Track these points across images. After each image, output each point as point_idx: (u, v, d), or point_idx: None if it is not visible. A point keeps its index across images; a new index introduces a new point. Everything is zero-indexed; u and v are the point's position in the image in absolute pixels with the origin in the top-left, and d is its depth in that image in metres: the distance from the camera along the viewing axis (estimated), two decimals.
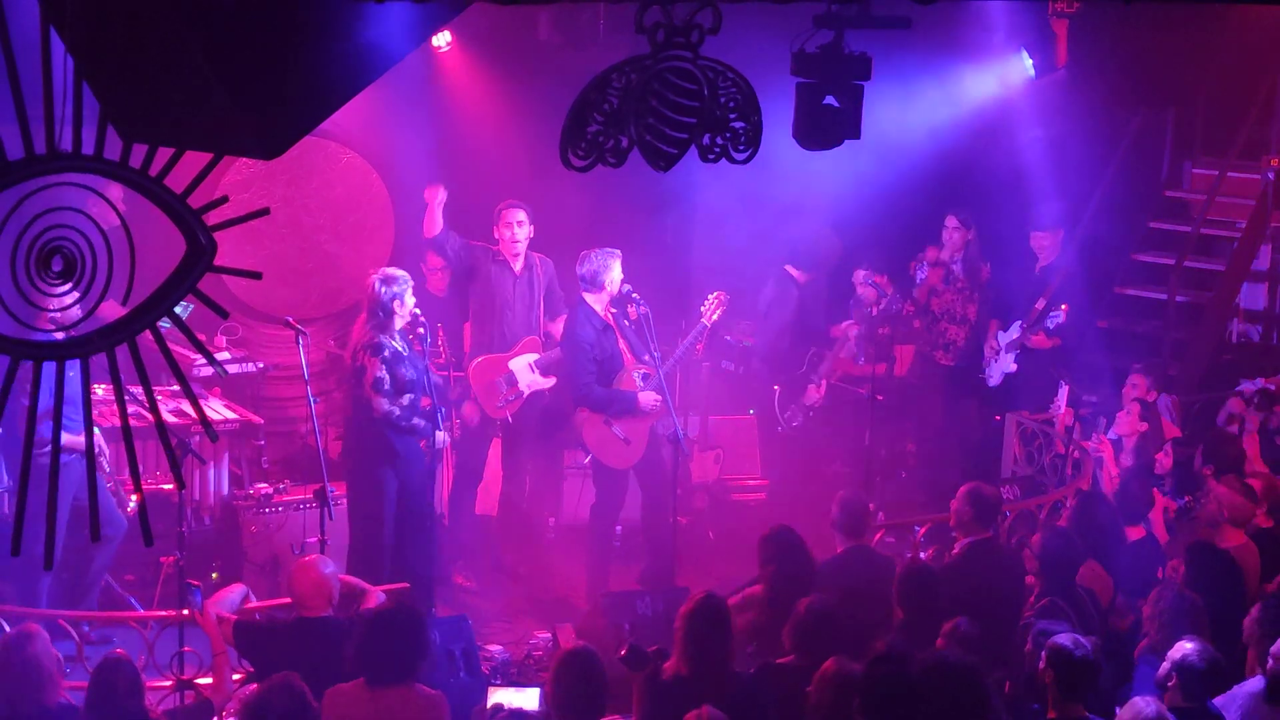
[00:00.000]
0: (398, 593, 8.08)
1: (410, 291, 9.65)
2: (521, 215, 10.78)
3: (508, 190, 11.44)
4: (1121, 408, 10.93)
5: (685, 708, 6.04)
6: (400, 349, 9.59)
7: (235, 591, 7.68)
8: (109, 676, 6.40)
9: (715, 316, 10.70)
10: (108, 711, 6.33)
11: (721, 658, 6.80)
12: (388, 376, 9.47)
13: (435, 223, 10.82)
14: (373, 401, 9.49)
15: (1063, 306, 11.87)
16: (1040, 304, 11.93)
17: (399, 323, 9.60)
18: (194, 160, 4.20)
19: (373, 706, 6.57)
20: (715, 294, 10.73)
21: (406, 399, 9.55)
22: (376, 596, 7.69)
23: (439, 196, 10.78)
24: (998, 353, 12.28)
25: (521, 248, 10.81)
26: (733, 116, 5.59)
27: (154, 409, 4.20)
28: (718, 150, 5.64)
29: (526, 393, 10.66)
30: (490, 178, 12.61)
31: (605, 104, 5.37)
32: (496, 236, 10.83)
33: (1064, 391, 11.34)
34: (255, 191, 11.81)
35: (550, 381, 10.70)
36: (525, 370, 10.75)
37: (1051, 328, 11.93)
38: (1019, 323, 12.12)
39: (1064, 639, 6.46)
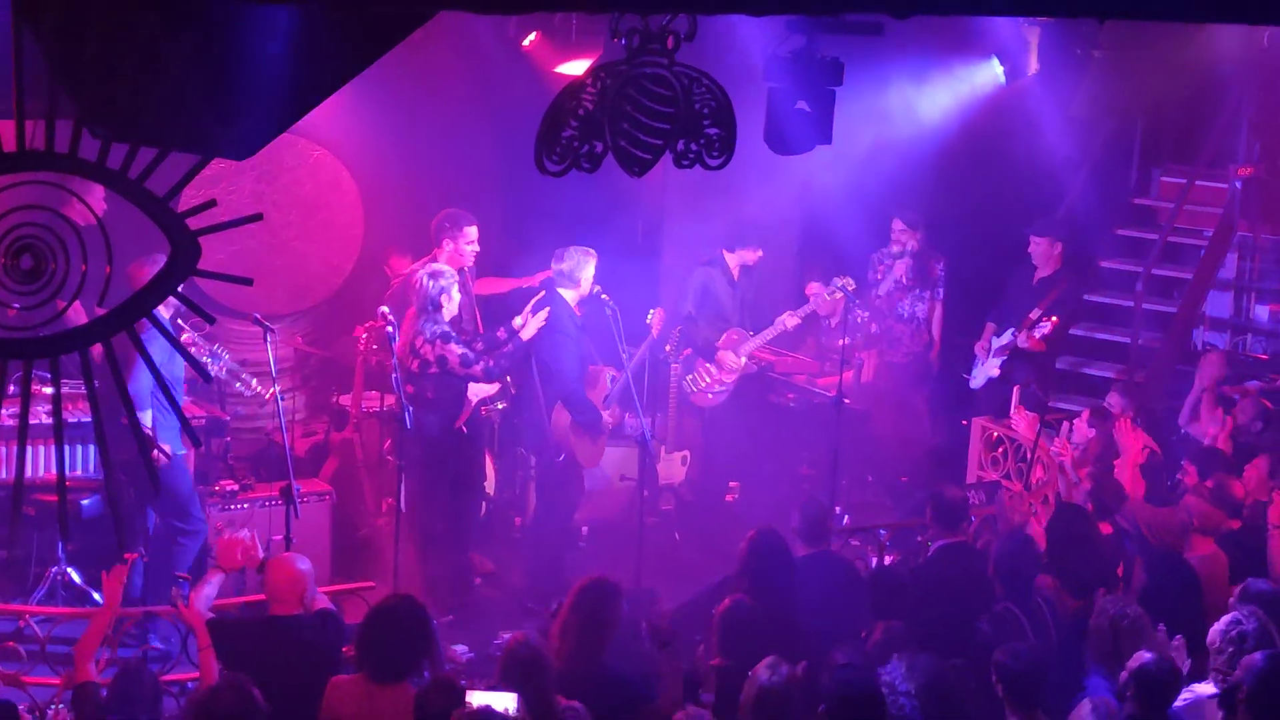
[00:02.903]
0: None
1: (457, 287, 10.02)
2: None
3: (478, 190, 11.42)
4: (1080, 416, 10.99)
5: None
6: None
7: (213, 583, 7.63)
8: (130, 684, 6.41)
9: (656, 331, 10.94)
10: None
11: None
12: (465, 350, 9.90)
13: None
14: (470, 373, 9.94)
15: (1052, 320, 11.90)
16: (1035, 314, 11.97)
17: (446, 315, 9.94)
18: (177, 162, 4.19)
19: (369, 703, 6.56)
20: (655, 310, 10.98)
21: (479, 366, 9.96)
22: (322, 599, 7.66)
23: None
24: (987, 353, 12.30)
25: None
26: (707, 123, 5.60)
27: (130, 410, 4.18)
28: (692, 156, 5.64)
29: (474, 401, 10.61)
30: (460, 176, 12.61)
31: (580, 109, 5.37)
32: (450, 247, 10.72)
33: (1015, 392, 11.38)
34: (224, 187, 11.77)
35: (494, 388, 10.62)
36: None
37: (1038, 336, 11.97)
38: (1010, 330, 12.14)
39: (1002, 653, 6.53)
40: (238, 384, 10.48)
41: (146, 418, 9.26)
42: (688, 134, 5.53)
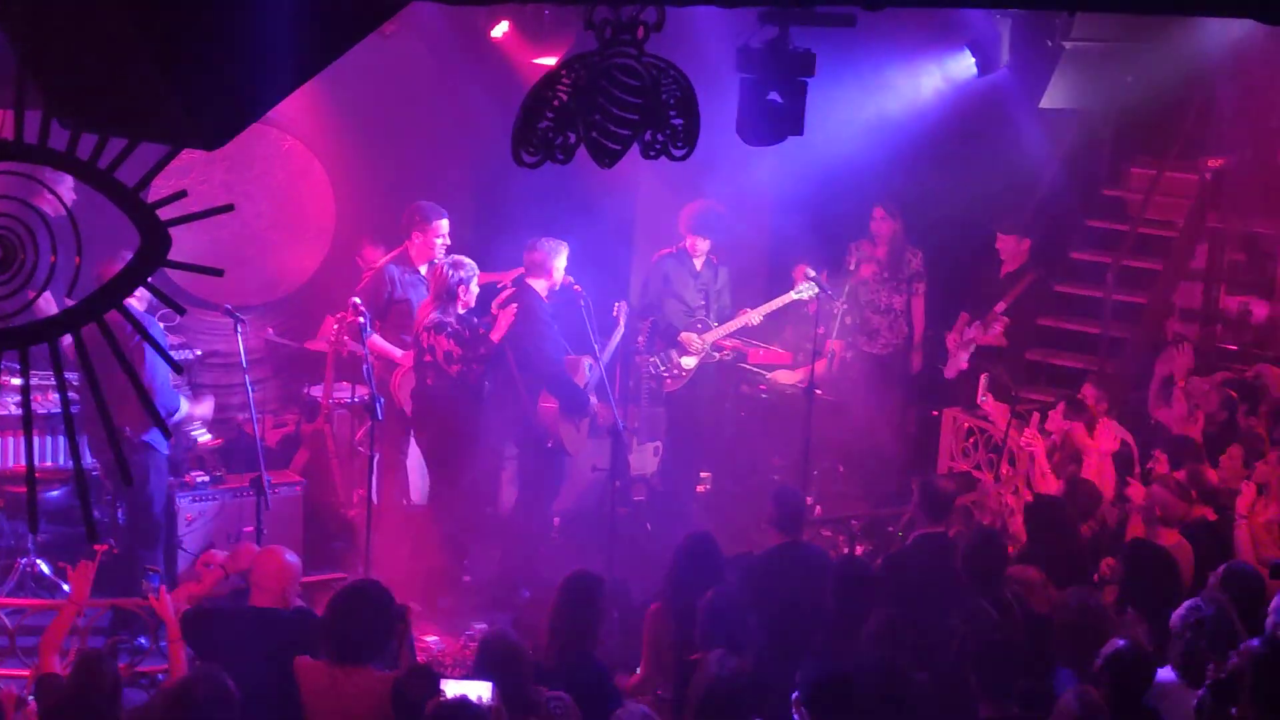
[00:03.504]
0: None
1: (476, 280, 10.24)
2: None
3: (450, 181, 11.39)
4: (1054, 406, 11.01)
5: None
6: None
7: (204, 581, 7.62)
8: (89, 676, 6.37)
9: (622, 323, 11.11)
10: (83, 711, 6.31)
11: None
12: (451, 347, 10.08)
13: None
14: (448, 370, 10.15)
15: (1003, 319, 11.96)
16: (999, 307, 12.01)
17: (461, 307, 10.20)
18: (147, 152, 4.16)
19: (332, 684, 6.57)
20: (619, 303, 11.13)
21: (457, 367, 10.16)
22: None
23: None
24: (958, 345, 12.35)
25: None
26: (673, 113, 5.61)
27: (100, 402, 4.16)
28: (658, 147, 5.66)
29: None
30: (431, 168, 12.60)
31: (555, 100, 5.37)
32: (419, 240, 10.74)
33: (984, 379, 11.43)
34: (195, 178, 11.71)
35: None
36: None
37: (991, 336, 12.02)
38: (977, 323, 12.20)
39: (974, 642, 6.56)
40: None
41: (183, 406, 9.84)
42: (655, 125, 5.54)
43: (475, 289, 10.24)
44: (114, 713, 6.36)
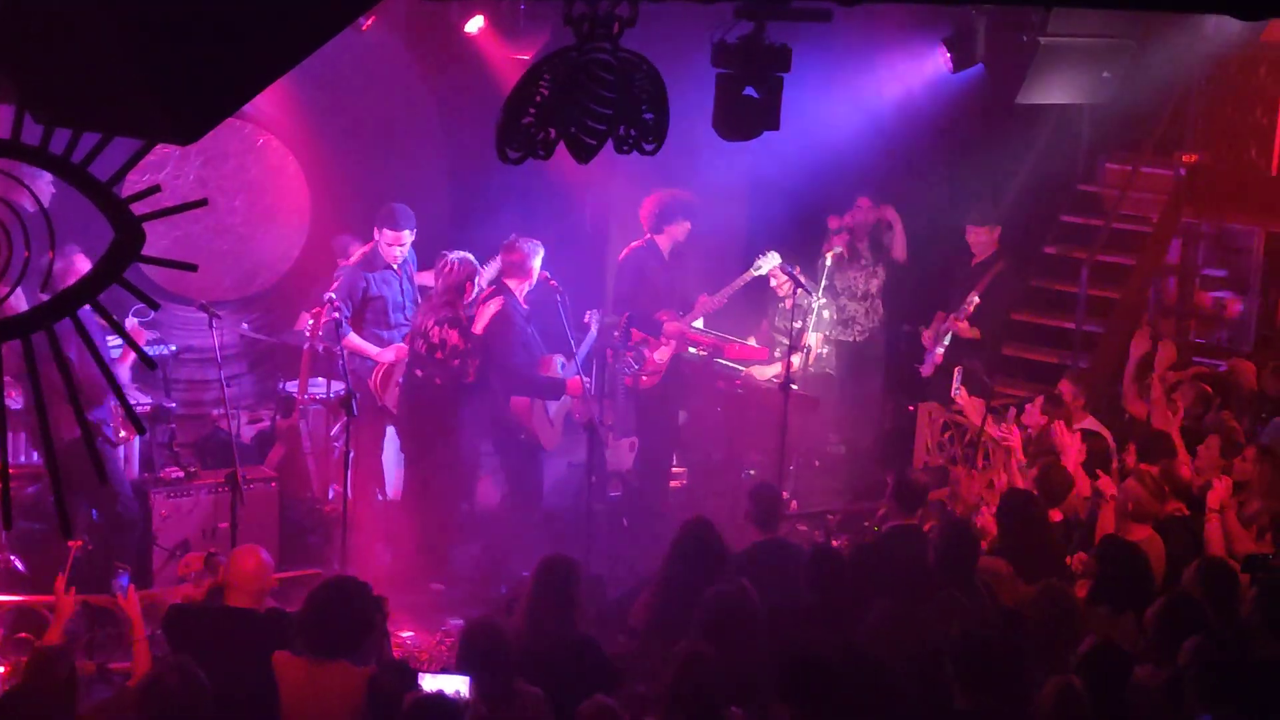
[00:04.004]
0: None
1: (480, 276, 10.49)
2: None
3: (425, 175, 11.35)
4: (1030, 400, 11.04)
5: None
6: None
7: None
8: (42, 672, 6.34)
9: (594, 330, 11.11)
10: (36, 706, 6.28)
11: None
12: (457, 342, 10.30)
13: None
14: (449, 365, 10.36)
15: (975, 299, 11.98)
16: (971, 296, 12.04)
17: (466, 301, 10.42)
18: (118, 147, 4.14)
19: (309, 679, 6.55)
20: (591, 311, 11.15)
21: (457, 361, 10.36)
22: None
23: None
24: (934, 342, 12.38)
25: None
26: (644, 108, 5.61)
27: (73, 397, 4.14)
28: (631, 141, 5.66)
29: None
30: (406, 162, 12.57)
31: (538, 96, 5.36)
32: (380, 239, 10.72)
33: (958, 373, 11.45)
34: (169, 173, 11.69)
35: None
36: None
37: (963, 317, 12.04)
38: (951, 315, 12.24)
39: (956, 634, 6.57)
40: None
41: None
42: (628, 120, 5.54)
43: (481, 284, 10.45)
44: (69, 708, 6.32)
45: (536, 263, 10.47)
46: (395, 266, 10.80)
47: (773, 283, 12.20)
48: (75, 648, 7.46)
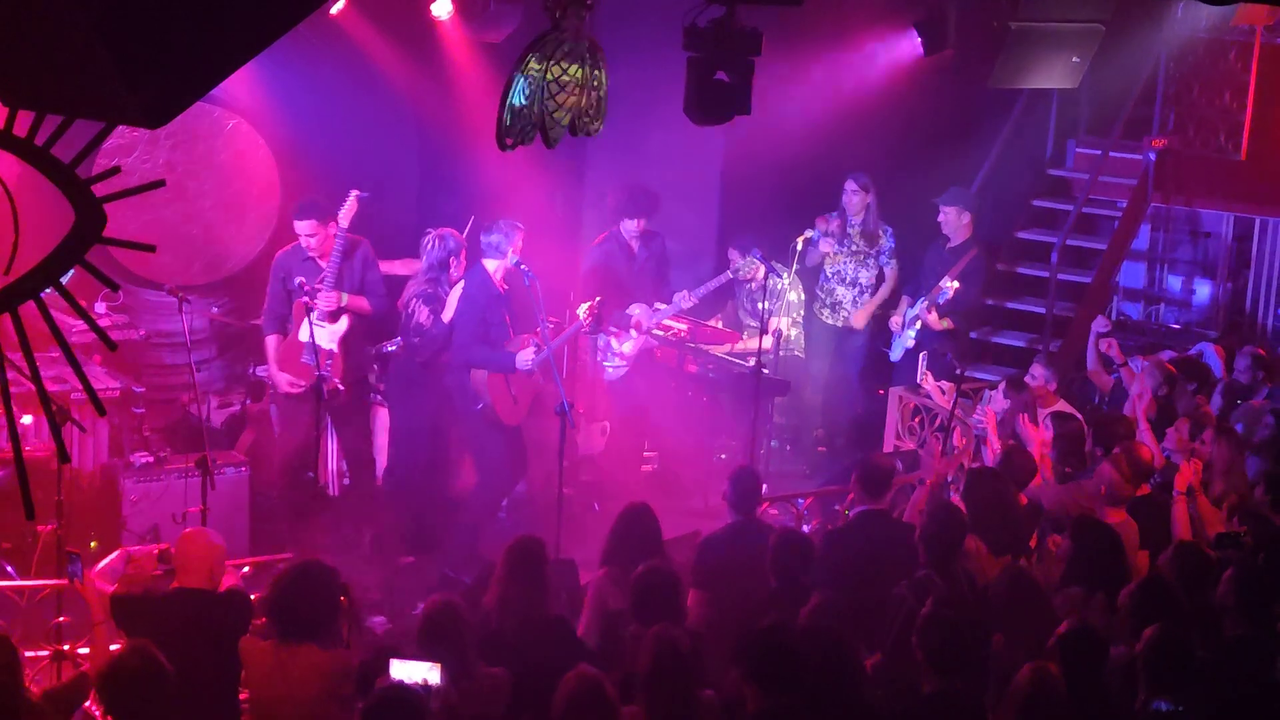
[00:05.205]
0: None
1: (464, 254, 10.59)
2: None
3: (394, 159, 11.31)
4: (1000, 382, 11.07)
5: None
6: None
7: (117, 559, 7.57)
8: None
9: (587, 322, 10.96)
10: None
11: None
12: (421, 320, 10.45)
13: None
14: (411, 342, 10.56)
15: (954, 284, 12.01)
16: (945, 281, 12.08)
17: (449, 280, 10.54)
18: (83, 128, 4.12)
19: (278, 663, 6.56)
20: (588, 304, 10.92)
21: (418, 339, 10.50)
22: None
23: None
24: (901, 327, 12.43)
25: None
26: (593, 89, 5.62)
27: (36, 379, 4.12)
28: (584, 121, 5.67)
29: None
30: (376, 146, 12.54)
31: (526, 83, 5.38)
32: (313, 234, 10.58)
33: (923, 359, 11.47)
34: (139, 156, 11.63)
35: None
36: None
37: (941, 304, 12.09)
38: (922, 300, 12.28)
39: (924, 615, 6.59)
40: None
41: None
42: (581, 101, 5.55)
43: (464, 260, 10.56)
44: (13, 689, 6.27)
45: (515, 245, 10.41)
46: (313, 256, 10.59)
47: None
48: (12, 631, 7.39)
